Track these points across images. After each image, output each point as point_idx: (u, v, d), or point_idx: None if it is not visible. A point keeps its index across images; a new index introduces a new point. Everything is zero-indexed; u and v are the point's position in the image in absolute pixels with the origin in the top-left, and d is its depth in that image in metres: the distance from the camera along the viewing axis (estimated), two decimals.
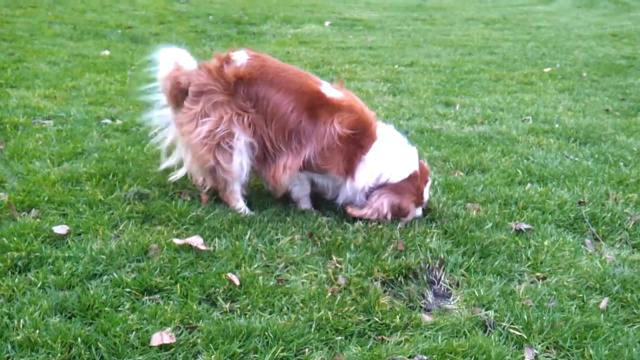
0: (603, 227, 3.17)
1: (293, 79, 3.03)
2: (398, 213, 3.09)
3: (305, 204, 3.22)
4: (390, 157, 3.08)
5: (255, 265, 2.62)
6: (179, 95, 3.09)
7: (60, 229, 2.79)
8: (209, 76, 3.02)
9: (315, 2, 13.71)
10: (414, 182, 3.10)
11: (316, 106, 2.99)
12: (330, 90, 3.06)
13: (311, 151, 3.00)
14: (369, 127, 3.05)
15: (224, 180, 3.09)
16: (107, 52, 6.98)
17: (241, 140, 3.00)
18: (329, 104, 3.00)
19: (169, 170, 3.35)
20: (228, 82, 2.99)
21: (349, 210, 3.09)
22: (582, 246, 3.00)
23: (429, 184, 3.21)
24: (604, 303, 2.49)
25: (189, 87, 3.05)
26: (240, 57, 3.05)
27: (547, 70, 7.43)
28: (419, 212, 3.18)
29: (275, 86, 2.99)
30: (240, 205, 3.13)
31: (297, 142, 3.01)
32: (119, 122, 4.42)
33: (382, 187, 3.08)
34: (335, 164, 3.03)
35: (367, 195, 3.10)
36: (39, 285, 2.38)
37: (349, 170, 3.05)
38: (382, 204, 3.05)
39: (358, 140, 3.01)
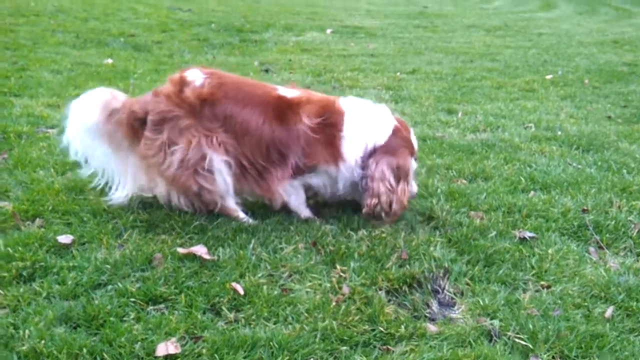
0: (607, 235, 3.17)
1: (255, 92, 3.05)
2: (400, 173, 3.06)
3: (306, 212, 3.22)
4: (366, 122, 3.09)
5: (260, 275, 2.62)
6: (135, 126, 3.00)
7: (65, 239, 2.79)
8: (169, 102, 2.94)
9: (317, 10, 13.75)
10: (400, 135, 3.12)
11: (282, 111, 3.01)
12: (287, 92, 3.10)
13: (294, 156, 3.02)
14: (333, 106, 3.08)
15: (213, 201, 3.04)
16: (110, 61, 7.00)
17: (216, 160, 2.94)
18: (291, 104, 3.04)
19: None
20: (191, 105, 2.93)
21: (365, 210, 3.08)
22: (586, 254, 2.99)
23: (412, 131, 3.24)
24: (609, 312, 2.49)
25: (145, 116, 2.97)
26: (196, 77, 3.01)
27: (549, 77, 7.44)
28: (414, 164, 3.24)
29: (240, 103, 2.98)
30: (242, 215, 3.13)
31: (277, 154, 3.02)
32: None
33: (373, 154, 3.07)
34: (321, 155, 3.03)
35: (363, 167, 3.07)
36: (44, 295, 2.38)
37: (335, 154, 3.05)
38: (382, 170, 3.01)
39: (329, 122, 3.03)
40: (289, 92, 3.10)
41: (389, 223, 3.13)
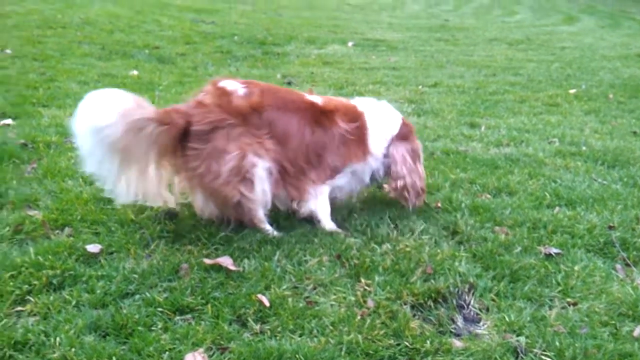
0: (634, 253, 3.14)
1: (290, 98, 3.22)
2: (415, 155, 3.46)
3: (331, 224, 3.24)
4: (381, 117, 3.43)
5: (285, 287, 2.64)
6: (177, 138, 2.96)
7: (93, 248, 2.84)
8: (222, 111, 2.95)
9: (338, 23, 13.80)
10: (406, 122, 3.53)
11: (316, 116, 3.19)
12: (315, 99, 3.30)
13: (329, 156, 3.22)
14: (355, 110, 3.36)
15: (248, 210, 3.05)
16: (135, 72, 7.10)
17: (261, 167, 2.98)
18: (323, 110, 3.23)
19: None
20: (243, 113, 2.98)
21: (393, 193, 3.46)
22: (613, 272, 2.97)
23: None
24: (637, 331, 2.46)
25: (187, 127, 2.94)
26: (236, 86, 3.07)
27: (572, 91, 7.38)
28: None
29: (281, 109, 3.09)
30: (268, 227, 3.15)
31: (314, 155, 3.18)
32: None
33: (391, 143, 3.41)
34: (353, 153, 3.28)
35: (384, 156, 3.41)
36: (73, 303, 2.42)
37: (365, 150, 3.33)
38: (403, 155, 3.40)
39: (357, 124, 3.29)
40: (317, 99, 3.30)
41: (418, 204, 3.44)
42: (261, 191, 3.02)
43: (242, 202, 3.01)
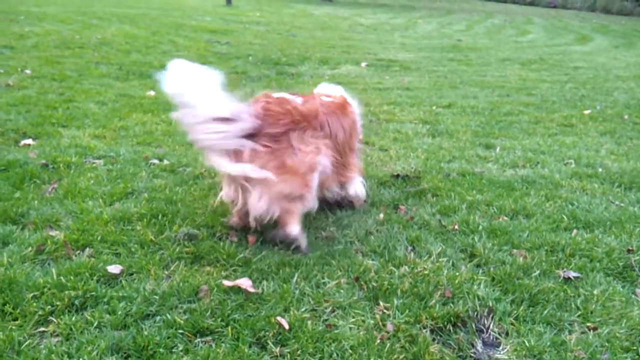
0: None
1: (326, 102, 3.53)
2: None
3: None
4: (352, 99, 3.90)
5: (303, 309, 2.65)
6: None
7: (114, 269, 2.87)
8: (295, 115, 3.16)
9: (351, 44, 13.92)
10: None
11: (342, 109, 3.60)
12: (326, 97, 3.67)
13: (355, 141, 3.73)
14: (344, 96, 3.81)
15: (300, 208, 3.23)
16: (152, 93, 7.19)
17: (321, 167, 3.25)
18: (340, 103, 3.66)
19: (216, 211, 3.44)
20: (308, 118, 3.22)
21: None
22: (633, 296, 2.94)
23: None
24: None
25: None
26: (293, 96, 3.35)
27: (587, 112, 7.37)
28: None
29: (326, 112, 3.39)
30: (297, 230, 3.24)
31: (351, 141, 3.62)
32: (166, 162, 4.54)
33: None
34: (359, 133, 3.86)
35: None
36: (95, 324, 2.44)
37: (358, 130, 3.86)
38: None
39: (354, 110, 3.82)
40: (327, 97, 3.67)
41: None
42: (313, 197, 3.26)
43: (304, 195, 3.18)
